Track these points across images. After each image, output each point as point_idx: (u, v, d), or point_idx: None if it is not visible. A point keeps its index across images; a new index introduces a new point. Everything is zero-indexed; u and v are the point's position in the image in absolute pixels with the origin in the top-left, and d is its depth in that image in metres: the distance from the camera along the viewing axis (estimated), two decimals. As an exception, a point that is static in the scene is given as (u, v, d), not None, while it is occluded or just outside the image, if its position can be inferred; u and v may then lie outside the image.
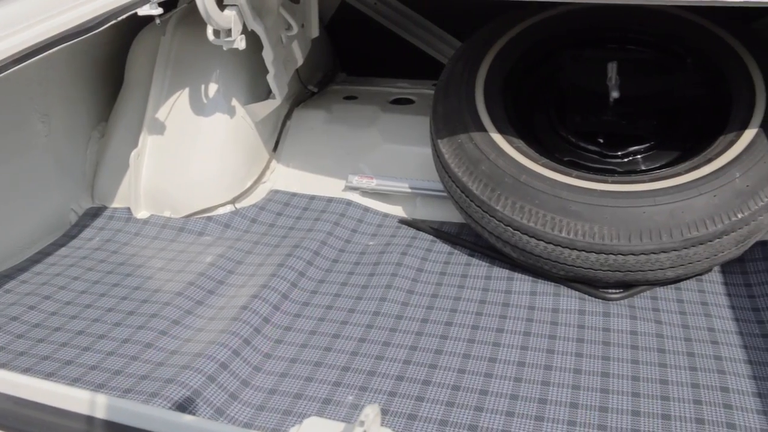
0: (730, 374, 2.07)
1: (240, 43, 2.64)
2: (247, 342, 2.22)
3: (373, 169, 3.04)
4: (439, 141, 2.59)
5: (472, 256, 2.64)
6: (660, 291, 2.43)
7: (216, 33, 2.62)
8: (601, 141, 2.77)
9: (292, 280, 2.51)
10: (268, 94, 3.05)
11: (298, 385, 2.09)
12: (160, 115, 2.94)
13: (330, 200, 2.98)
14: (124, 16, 2.35)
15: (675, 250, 2.27)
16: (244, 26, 2.66)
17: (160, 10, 2.44)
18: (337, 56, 3.83)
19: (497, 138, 2.51)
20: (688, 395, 2.00)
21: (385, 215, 2.93)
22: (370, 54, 3.82)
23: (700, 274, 2.48)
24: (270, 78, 2.90)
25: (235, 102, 2.98)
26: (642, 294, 2.41)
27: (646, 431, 1.89)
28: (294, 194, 3.04)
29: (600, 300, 2.37)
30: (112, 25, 2.32)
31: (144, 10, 2.42)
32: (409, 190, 2.93)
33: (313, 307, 2.43)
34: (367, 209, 2.94)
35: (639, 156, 2.73)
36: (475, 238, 2.69)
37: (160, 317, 2.35)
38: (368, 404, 0.91)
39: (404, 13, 3.65)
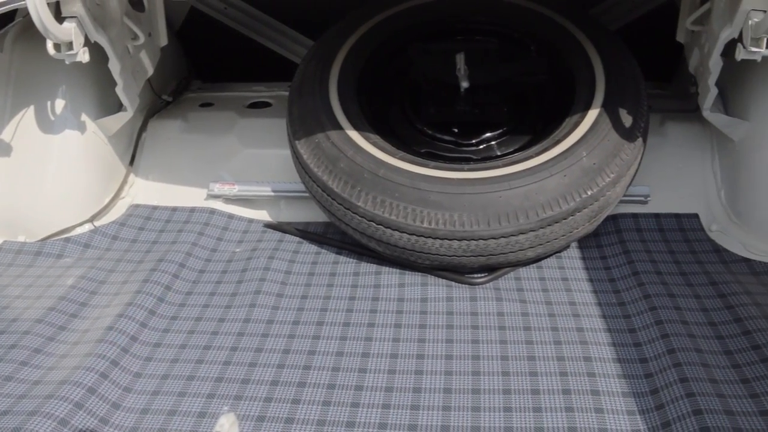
0: (592, 344, 2.16)
1: (83, 56, 2.55)
2: (115, 363, 2.15)
3: (234, 176, 3.01)
4: (296, 142, 2.59)
5: (340, 254, 2.65)
6: (523, 271, 2.51)
7: (57, 47, 2.52)
8: (456, 131, 2.84)
9: (159, 295, 2.45)
10: (119, 106, 2.95)
11: (171, 401, 2.04)
12: (5, 135, 2.81)
13: (193, 210, 2.92)
14: None
15: (532, 231, 2.35)
16: (87, 38, 2.57)
17: None
18: (190, 63, 3.76)
19: (354, 135, 2.53)
20: (554, 368, 2.08)
21: (250, 221, 2.90)
22: (225, 59, 3.78)
23: (559, 252, 2.58)
24: (119, 90, 2.82)
25: (84, 117, 2.88)
26: (506, 276, 2.48)
27: (518, 407, 1.95)
28: (155, 207, 2.97)
29: (466, 285, 2.43)
30: None
31: (-26, 28, 2.30)
32: (272, 194, 2.91)
33: (182, 320, 2.38)
34: (231, 216, 2.90)
35: (493, 142, 2.82)
36: (341, 236, 2.70)
37: (20, 347, 2.24)
38: (224, 414, 0.90)
39: (255, 15, 3.63)
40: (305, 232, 2.77)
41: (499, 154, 2.78)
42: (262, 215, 2.94)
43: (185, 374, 2.14)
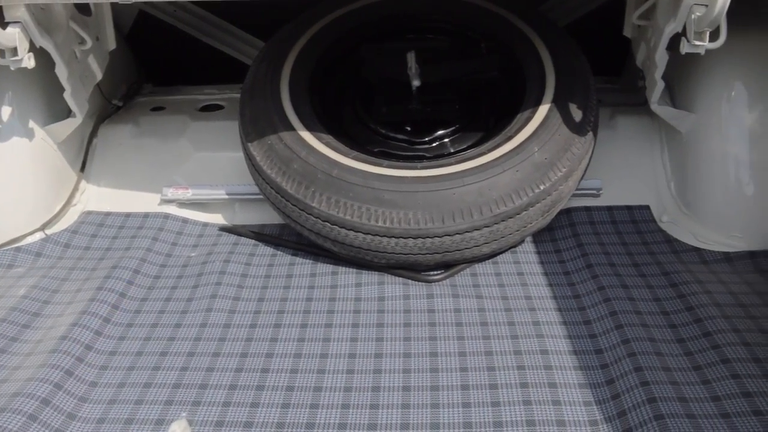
0: (548, 337, 2.19)
1: (29, 61, 2.51)
2: (70, 373, 2.12)
3: (187, 179, 2.99)
4: (249, 144, 2.57)
5: (296, 255, 2.64)
6: (478, 267, 2.53)
7: (0, 53, 2.48)
8: (409, 129, 2.85)
9: (113, 302, 2.42)
10: (68, 112, 2.91)
11: (129, 409, 2.01)
12: None
13: (146, 215, 2.89)
14: None
15: (487, 227, 2.37)
16: (32, 43, 2.53)
17: None
18: (141, 67, 3.71)
19: (306, 135, 2.52)
20: (512, 362, 2.09)
21: (205, 224, 2.88)
22: (175, 62, 3.74)
23: (514, 247, 2.60)
24: (67, 96, 2.78)
25: (32, 124, 2.83)
26: (462, 272, 2.50)
27: (476, 402, 1.96)
28: (108, 213, 2.93)
29: (423, 283, 2.44)
30: None
31: None
32: (227, 197, 2.89)
33: (137, 327, 2.35)
34: (185, 221, 2.88)
35: (446, 140, 2.83)
36: (297, 237, 2.69)
37: (-29, 360, 2.20)
38: (176, 420, 0.89)
39: (204, 17, 3.59)
40: (260, 235, 2.76)
41: (452, 151, 2.79)
42: (217, 219, 2.92)
43: (142, 381, 2.12)
